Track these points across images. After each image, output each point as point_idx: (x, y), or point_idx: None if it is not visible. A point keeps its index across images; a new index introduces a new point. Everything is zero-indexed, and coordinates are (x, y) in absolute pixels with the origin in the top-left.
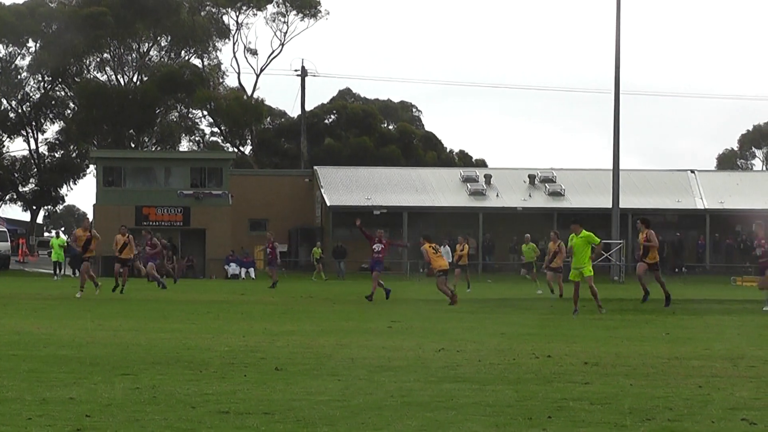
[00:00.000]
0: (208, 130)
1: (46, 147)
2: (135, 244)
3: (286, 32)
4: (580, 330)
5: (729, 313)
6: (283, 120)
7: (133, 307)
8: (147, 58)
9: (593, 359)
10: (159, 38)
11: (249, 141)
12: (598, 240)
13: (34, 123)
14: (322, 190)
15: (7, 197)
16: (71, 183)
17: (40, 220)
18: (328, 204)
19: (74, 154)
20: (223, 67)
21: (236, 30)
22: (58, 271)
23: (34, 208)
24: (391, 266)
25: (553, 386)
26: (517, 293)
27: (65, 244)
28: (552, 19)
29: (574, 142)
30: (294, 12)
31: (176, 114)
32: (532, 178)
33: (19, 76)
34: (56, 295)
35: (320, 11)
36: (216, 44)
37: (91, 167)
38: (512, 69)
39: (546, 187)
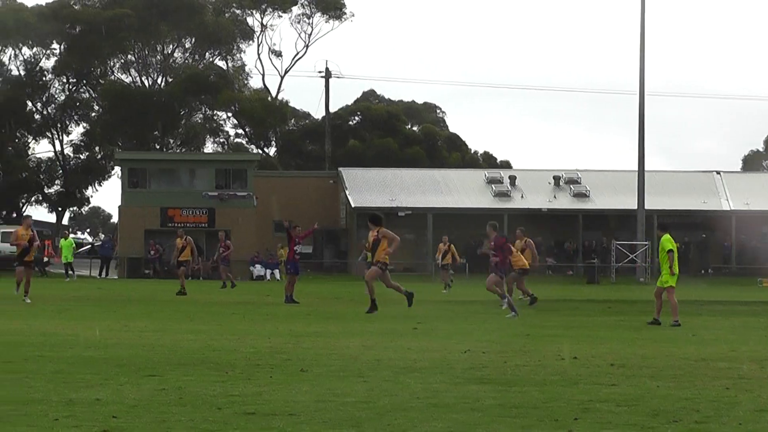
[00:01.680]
0: (232, 132)
1: (71, 148)
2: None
3: (311, 34)
4: (606, 331)
5: (755, 315)
6: (307, 121)
7: (158, 309)
8: (171, 60)
9: (619, 361)
10: (183, 40)
11: (273, 142)
12: (669, 246)
13: (59, 125)
14: (347, 192)
15: (33, 199)
16: (96, 184)
17: (65, 221)
18: (353, 205)
19: (99, 156)
20: (247, 69)
21: (261, 31)
22: (70, 272)
23: (60, 209)
24: (415, 267)
25: (579, 388)
26: (543, 294)
27: (74, 245)
28: (577, 20)
29: (599, 144)
30: (319, 13)
31: (201, 116)
32: (557, 179)
33: (43, 78)
34: (81, 296)
35: (345, 13)
36: (240, 46)
37: (116, 169)
38: (537, 70)
39: (571, 188)
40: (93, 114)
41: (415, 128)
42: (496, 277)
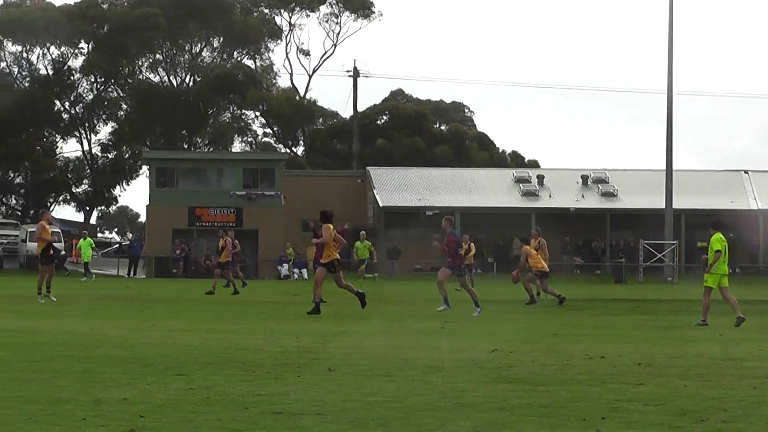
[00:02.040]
0: (260, 131)
1: (99, 148)
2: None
3: (339, 33)
4: (634, 331)
5: None
6: (335, 121)
7: (186, 308)
8: (199, 59)
9: (647, 360)
10: (211, 39)
11: (301, 142)
12: (717, 246)
13: (87, 124)
14: (375, 191)
15: (61, 198)
16: (124, 184)
17: (93, 220)
18: (381, 205)
19: (127, 155)
20: (275, 68)
21: (289, 31)
22: (88, 272)
23: (88, 208)
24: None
25: (606, 387)
26: (570, 293)
27: (93, 245)
28: (605, 19)
29: (627, 143)
30: (347, 13)
31: (229, 115)
32: (584, 178)
33: (72, 77)
34: (109, 295)
35: (373, 12)
36: (268, 45)
37: (144, 168)
38: (565, 69)
39: (599, 187)
40: (121, 113)
41: (443, 127)
42: (448, 271)
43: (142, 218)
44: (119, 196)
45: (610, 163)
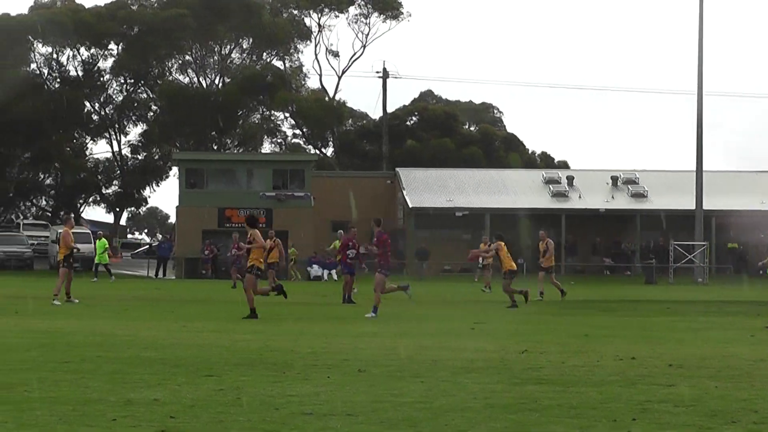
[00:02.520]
0: (290, 132)
1: (129, 149)
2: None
3: (368, 34)
4: (664, 332)
5: None
6: (364, 122)
7: (216, 309)
8: (228, 61)
9: (677, 361)
10: (241, 40)
11: (331, 143)
12: None
13: (117, 125)
14: (404, 192)
15: (91, 199)
16: (154, 185)
17: (123, 221)
18: (410, 206)
19: (157, 156)
20: (304, 69)
21: (318, 32)
22: (104, 273)
23: (118, 209)
24: (472, 267)
25: (637, 388)
26: (601, 295)
27: (107, 246)
28: (635, 20)
29: (658, 143)
30: (375, 14)
31: (258, 116)
32: (614, 179)
33: (101, 79)
34: (139, 296)
35: (402, 13)
36: (298, 46)
37: (174, 169)
38: (595, 70)
39: (629, 188)
40: (151, 114)
41: (472, 128)
42: (382, 276)
43: (172, 219)
44: (149, 197)
45: (640, 164)
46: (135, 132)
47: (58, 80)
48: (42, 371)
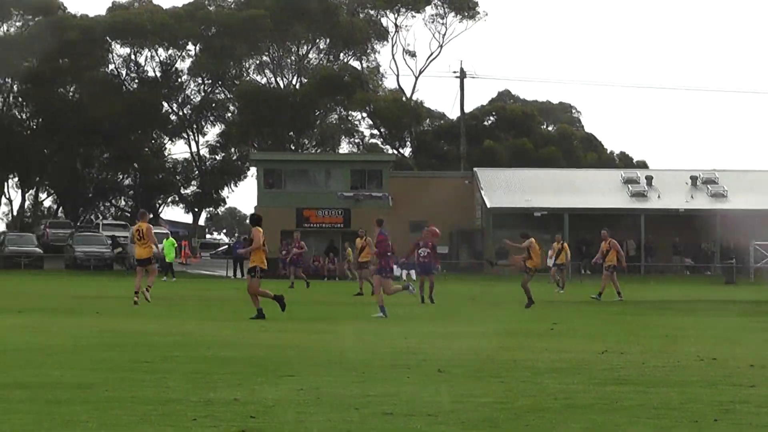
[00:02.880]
0: (367, 132)
1: (207, 149)
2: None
3: (445, 34)
4: (745, 332)
5: None
6: (442, 122)
7: (295, 309)
8: (306, 61)
9: (759, 362)
10: (318, 41)
11: (408, 143)
12: None
13: (195, 126)
14: (482, 192)
15: (170, 199)
16: (232, 185)
17: (202, 222)
18: (488, 206)
19: (235, 157)
20: (381, 69)
21: (395, 32)
22: (170, 271)
23: (196, 210)
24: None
25: (718, 389)
26: (681, 295)
27: (175, 245)
28: (715, 19)
29: (737, 143)
30: (452, 14)
31: (336, 116)
32: (694, 179)
33: (179, 79)
34: (218, 296)
35: (478, 12)
36: (375, 46)
37: (252, 169)
38: (674, 69)
39: (708, 188)
40: (228, 115)
41: (550, 128)
42: (381, 278)
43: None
44: (227, 197)
45: (719, 164)
46: (213, 132)
47: (136, 81)
48: (122, 371)
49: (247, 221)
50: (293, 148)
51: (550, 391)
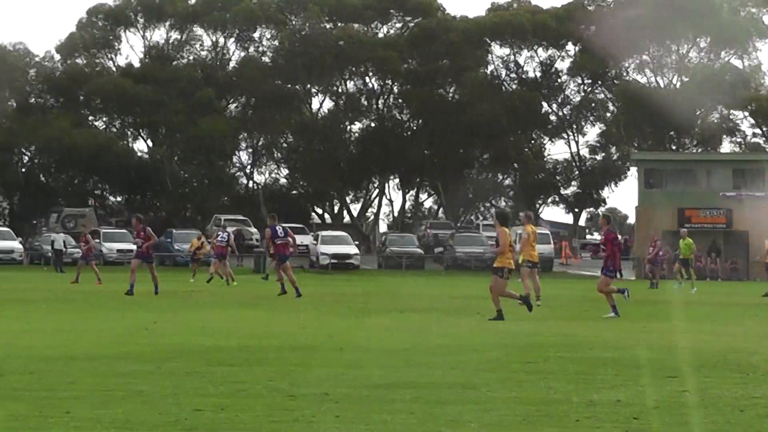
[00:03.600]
0: (749, 132)
1: (586, 149)
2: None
3: None
4: None
5: None
6: None
7: (695, 310)
8: (686, 60)
9: None
10: (698, 39)
11: None
12: None
13: (574, 126)
14: None
15: (550, 200)
16: (612, 185)
17: (582, 222)
18: None
19: (615, 157)
20: (763, 68)
21: None
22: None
23: (576, 210)
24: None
25: None
26: None
27: None
28: None
29: None
30: None
31: (717, 115)
32: None
33: (559, 80)
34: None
35: None
36: (756, 44)
37: (632, 169)
38: None
39: None
40: (608, 115)
41: None
42: (606, 279)
43: (631, 220)
44: (607, 197)
45: None
46: (593, 132)
47: (516, 81)
48: (504, 371)
49: (494, 218)
50: (674, 147)
51: None
